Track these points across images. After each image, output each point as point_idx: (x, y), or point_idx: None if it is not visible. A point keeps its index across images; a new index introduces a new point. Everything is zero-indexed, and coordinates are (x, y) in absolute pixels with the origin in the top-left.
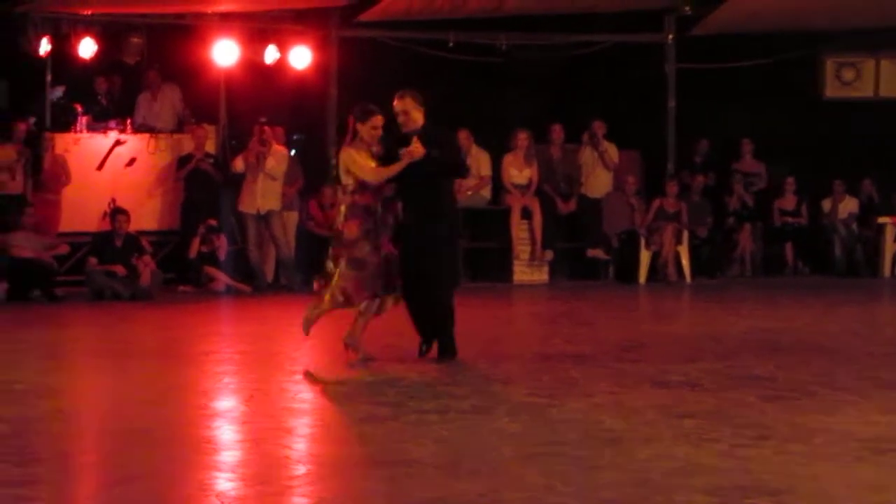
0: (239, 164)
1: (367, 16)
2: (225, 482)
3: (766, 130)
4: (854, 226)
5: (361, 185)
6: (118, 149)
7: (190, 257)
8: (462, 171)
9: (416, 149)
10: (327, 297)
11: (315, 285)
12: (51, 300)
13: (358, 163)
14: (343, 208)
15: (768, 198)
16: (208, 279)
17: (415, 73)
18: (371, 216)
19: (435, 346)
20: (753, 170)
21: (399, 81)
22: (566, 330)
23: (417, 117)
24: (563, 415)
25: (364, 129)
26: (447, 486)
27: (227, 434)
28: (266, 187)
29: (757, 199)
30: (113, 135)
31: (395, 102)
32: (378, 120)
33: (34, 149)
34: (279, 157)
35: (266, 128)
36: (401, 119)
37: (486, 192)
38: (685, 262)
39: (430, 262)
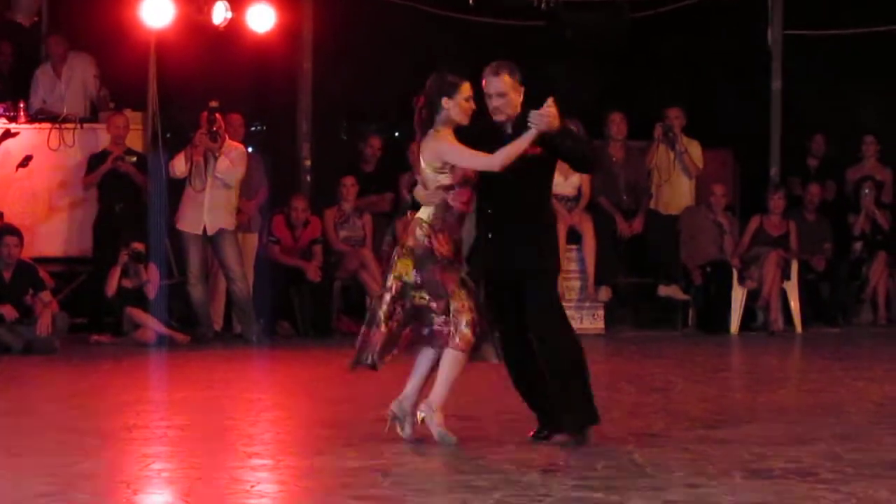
0: (180, 166)
1: None
2: None
3: None
4: None
5: (463, 183)
6: (7, 143)
7: (107, 295)
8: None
9: (552, 112)
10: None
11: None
12: None
13: (458, 147)
14: (425, 217)
15: None
16: (133, 326)
17: (420, 42)
18: (459, 229)
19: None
20: (878, 178)
21: (398, 52)
22: (629, 398)
23: (517, 101)
24: None
25: (453, 105)
26: None
27: None
28: (216, 198)
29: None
30: (0, 123)
31: (488, 80)
32: (468, 88)
33: None
34: (236, 156)
35: (218, 115)
36: (494, 104)
37: None
38: (794, 304)
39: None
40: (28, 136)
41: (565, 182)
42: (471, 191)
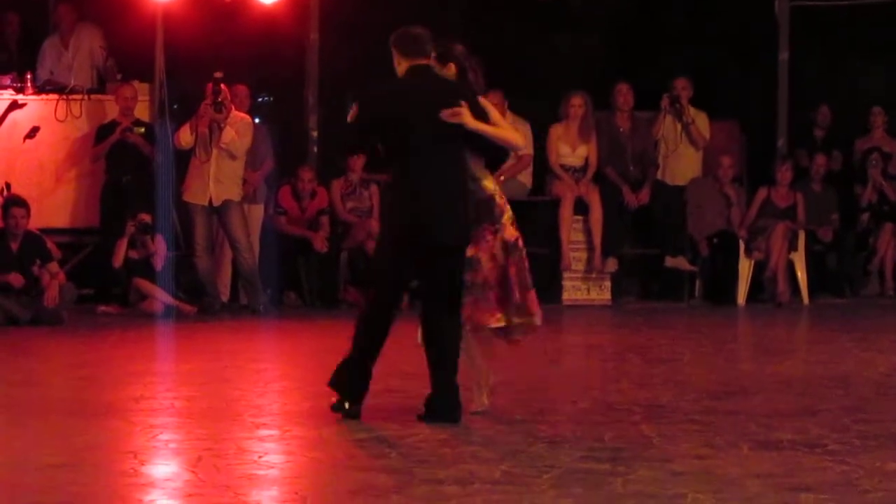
0: (185, 137)
1: None
2: None
3: None
4: None
5: None
6: (14, 114)
7: (114, 266)
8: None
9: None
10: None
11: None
12: None
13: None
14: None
15: None
16: (139, 297)
17: (429, 13)
18: None
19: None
20: (886, 149)
21: (405, 23)
22: (636, 369)
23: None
24: (630, 486)
25: None
26: None
27: None
28: (222, 169)
29: None
30: (7, 95)
31: None
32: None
33: None
34: (241, 127)
35: (223, 86)
36: None
37: (527, 178)
38: (801, 275)
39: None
40: (35, 107)
41: (573, 153)
42: None
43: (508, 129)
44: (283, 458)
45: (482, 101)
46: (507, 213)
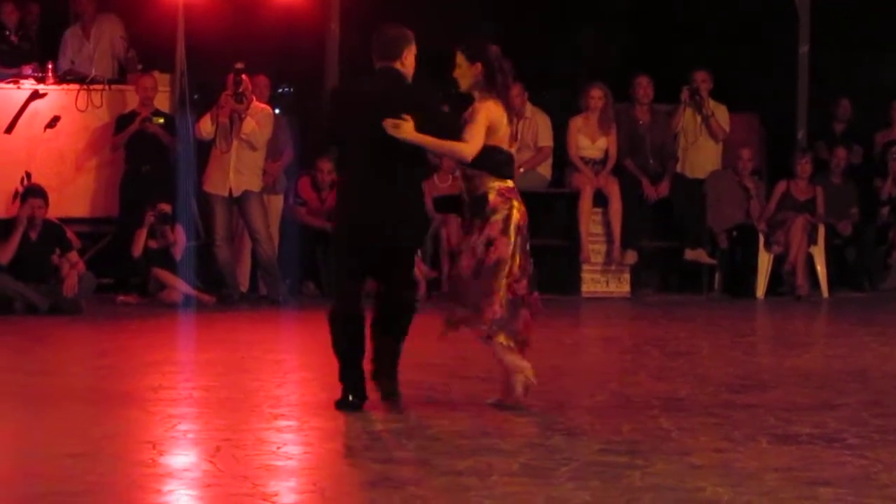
0: (206, 127)
1: None
2: None
3: None
4: None
5: None
6: (35, 104)
7: (134, 256)
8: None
9: None
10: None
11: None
12: None
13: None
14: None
15: None
16: (159, 286)
17: (449, 5)
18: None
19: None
20: None
21: (427, 15)
22: (654, 362)
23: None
24: (648, 479)
25: None
26: None
27: (183, 502)
28: (242, 160)
29: None
30: (28, 84)
31: None
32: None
33: None
34: (262, 118)
35: (244, 77)
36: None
37: (546, 170)
38: (821, 269)
39: None
40: (56, 97)
41: (592, 145)
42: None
43: (455, 142)
44: (301, 448)
45: (479, 105)
46: (501, 214)
